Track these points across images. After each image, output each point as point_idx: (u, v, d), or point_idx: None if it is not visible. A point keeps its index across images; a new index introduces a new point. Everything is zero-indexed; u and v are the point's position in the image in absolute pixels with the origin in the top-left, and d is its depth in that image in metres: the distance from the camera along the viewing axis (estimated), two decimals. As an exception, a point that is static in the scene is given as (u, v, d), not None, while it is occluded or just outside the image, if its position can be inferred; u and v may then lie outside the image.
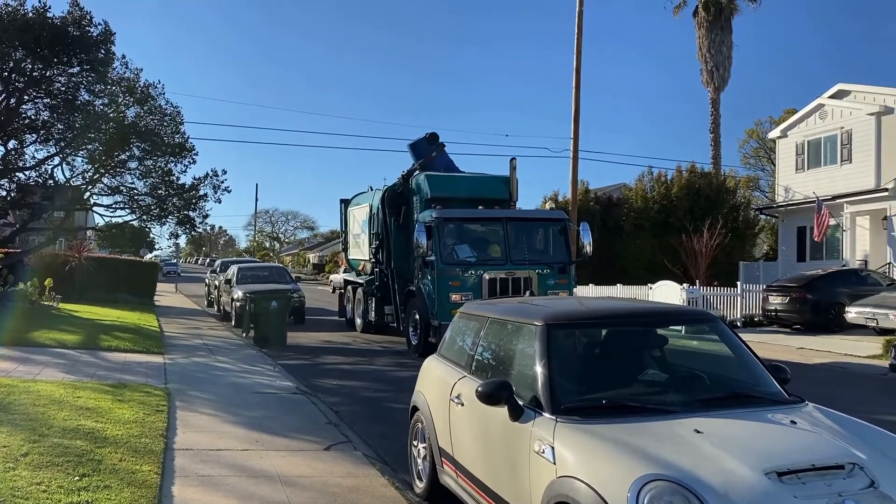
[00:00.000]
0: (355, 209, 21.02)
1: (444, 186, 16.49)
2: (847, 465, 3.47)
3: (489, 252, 14.92)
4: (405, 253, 16.73)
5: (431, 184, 16.38)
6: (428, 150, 18.29)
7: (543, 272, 14.68)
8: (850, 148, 27.11)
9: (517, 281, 14.32)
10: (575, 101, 25.62)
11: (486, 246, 15.08)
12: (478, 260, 14.65)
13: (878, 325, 17.82)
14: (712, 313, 5.16)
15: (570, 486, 3.59)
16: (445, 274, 14.30)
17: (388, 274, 17.35)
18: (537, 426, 4.05)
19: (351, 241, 21.56)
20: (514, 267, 14.49)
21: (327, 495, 5.70)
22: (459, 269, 14.36)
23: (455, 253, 14.65)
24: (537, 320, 4.62)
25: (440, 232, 14.56)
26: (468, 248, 14.89)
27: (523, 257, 14.83)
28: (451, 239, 14.83)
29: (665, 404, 4.15)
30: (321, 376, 12.36)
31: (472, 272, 14.31)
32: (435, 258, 14.40)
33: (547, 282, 14.59)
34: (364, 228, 19.58)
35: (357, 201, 21.18)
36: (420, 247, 14.38)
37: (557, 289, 14.69)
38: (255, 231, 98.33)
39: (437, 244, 14.44)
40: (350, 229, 21.57)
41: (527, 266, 14.61)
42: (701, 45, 36.85)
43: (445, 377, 5.61)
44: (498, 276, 14.29)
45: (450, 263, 14.41)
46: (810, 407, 4.29)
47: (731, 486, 3.27)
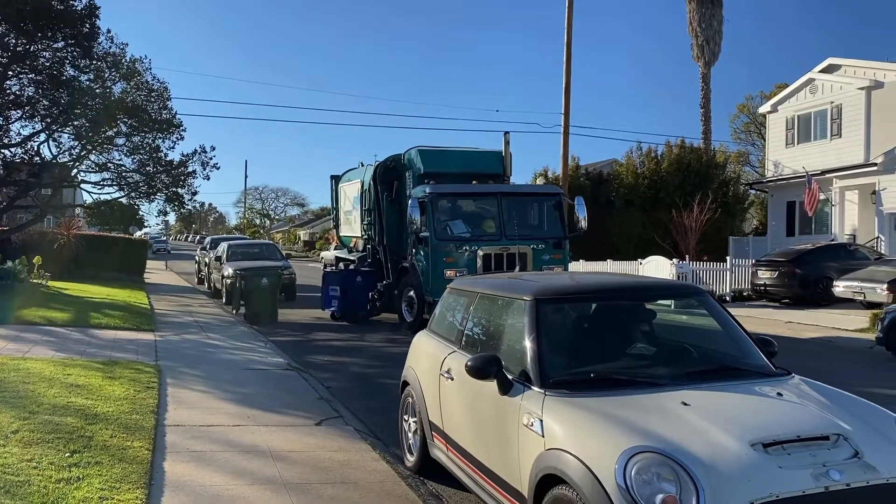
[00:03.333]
0: (346, 185, 20.60)
1: (437, 161, 16.21)
2: (832, 436, 3.50)
3: (483, 228, 14.75)
4: (398, 229, 16.48)
5: (424, 158, 16.10)
6: None
7: (538, 248, 14.55)
8: (840, 122, 27.14)
9: (512, 257, 14.20)
10: (566, 76, 25.50)
11: (480, 222, 14.91)
12: (472, 236, 14.50)
13: (865, 298, 17.96)
14: (700, 287, 5.20)
15: (559, 458, 3.62)
16: (440, 250, 14.18)
17: (380, 250, 17.12)
18: (526, 400, 4.08)
19: (342, 217, 21.18)
20: (509, 242, 14.34)
21: (318, 470, 5.74)
22: (454, 245, 14.24)
23: (449, 229, 14.51)
24: (526, 295, 4.64)
25: (434, 208, 14.40)
26: (462, 224, 14.72)
27: (518, 233, 14.65)
28: (445, 215, 14.67)
29: (653, 377, 4.19)
30: (312, 353, 12.39)
31: (467, 248, 14.20)
32: (429, 234, 14.26)
33: (542, 257, 14.47)
34: (356, 205, 19.23)
35: (348, 177, 20.72)
36: (414, 223, 14.21)
37: (552, 264, 14.54)
38: (245, 208, 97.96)
39: (431, 220, 14.28)
40: (341, 206, 21.23)
41: (521, 241, 14.45)
42: (692, 20, 36.64)
43: (435, 352, 5.63)
44: (492, 252, 14.16)
45: (444, 239, 14.29)
46: (797, 379, 4.33)
47: (718, 457, 3.31)
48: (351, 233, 20.15)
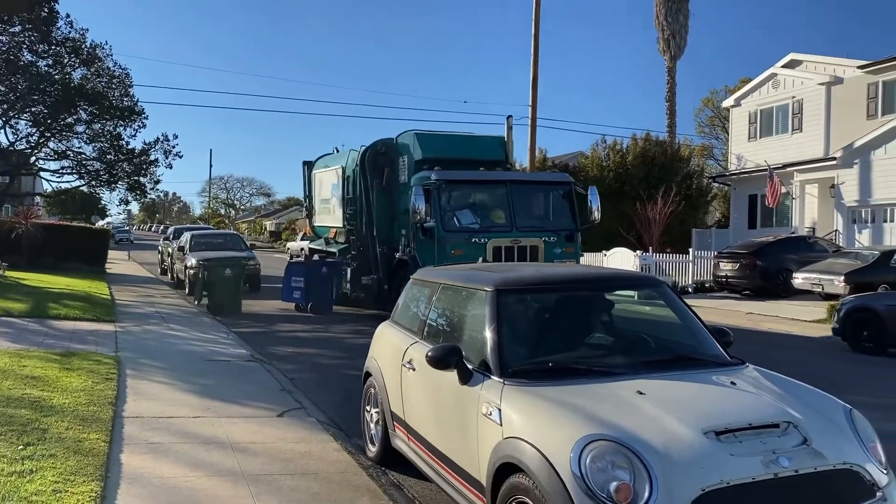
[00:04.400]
0: (322, 172, 19.41)
1: (437, 146, 15.02)
2: (782, 423, 3.58)
3: (493, 218, 13.74)
4: (389, 219, 15.55)
5: (422, 143, 14.93)
6: None
7: (550, 240, 13.57)
8: (801, 117, 27.65)
9: (523, 250, 13.24)
10: (533, 69, 25.56)
11: (488, 212, 13.91)
12: (481, 227, 13.47)
13: (823, 290, 18.38)
14: (658, 278, 5.26)
15: (516, 446, 3.65)
16: (447, 242, 13.06)
17: (368, 242, 15.97)
18: (485, 389, 4.10)
19: (317, 206, 19.87)
20: (520, 234, 13.36)
21: (279, 461, 5.71)
22: (462, 236, 13.17)
23: (457, 219, 13.47)
24: (487, 286, 4.66)
25: (440, 196, 13.32)
26: (470, 214, 13.70)
27: (529, 224, 13.74)
28: (452, 203, 13.61)
29: (610, 367, 4.24)
30: (276, 344, 12.31)
31: (476, 240, 13.10)
32: (435, 225, 13.21)
33: (553, 250, 13.51)
34: (335, 193, 18.03)
35: (325, 163, 19.50)
36: (417, 212, 13.10)
37: (564, 258, 13.61)
38: (210, 198, 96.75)
39: (437, 209, 13.21)
40: (316, 194, 19.92)
41: (532, 233, 13.52)
42: (658, 13, 36.98)
43: (398, 343, 5.64)
44: (503, 245, 13.15)
45: (451, 231, 13.23)
46: (750, 369, 4.42)
47: (671, 445, 3.36)
48: (329, 223, 19.01)
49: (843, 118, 25.88)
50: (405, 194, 14.61)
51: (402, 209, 14.83)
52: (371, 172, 15.77)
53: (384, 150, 15.85)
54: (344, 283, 16.93)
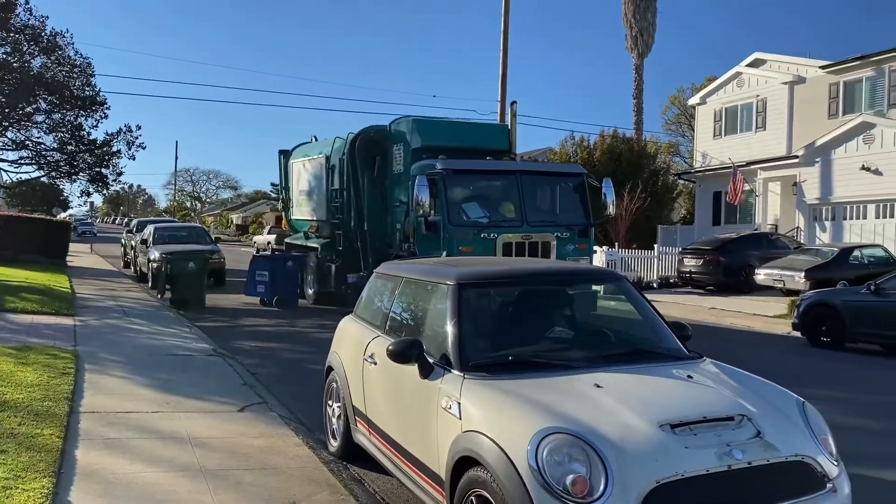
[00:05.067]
0: (302, 161, 18.27)
1: (437, 133, 14.03)
2: (736, 416, 3.62)
3: (502, 212, 12.78)
4: (380, 212, 14.63)
5: (421, 130, 13.90)
6: None
7: (562, 236, 12.64)
8: (765, 115, 28.08)
9: (534, 246, 12.30)
10: (503, 64, 25.58)
11: (497, 205, 12.95)
12: (490, 221, 12.46)
13: (784, 286, 18.72)
14: (618, 273, 5.30)
15: (475, 440, 3.65)
16: (454, 237, 12.02)
17: (356, 237, 15.09)
18: (446, 383, 4.10)
19: (295, 198, 18.81)
20: (531, 229, 12.41)
21: (239, 456, 5.65)
22: (471, 231, 12.14)
23: (464, 212, 12.44)
24: (449, 280, 4.65)
25: (447, 186, 12.26)
26: (479, 207, 12.66)
27: (540, 218, 12.84)
28: (460, 195, 12.59)
29: (569, 360, 4.25)
30: (240, 338, 12.18)
31: (485, 235, 12.12)
32: (441, 219, 12.17)
33: (566, 247, 12.60)
34: (316, 183, 17.08)
35: (304, 152, 18.43)
36: (421, 204, 11.98)
37: (577, 255, 12.67)
38: (175, 190, 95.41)
39: (444, 201, 12.17)
40: (294, 185, 18.84)
41: (544, 228, 12.61)
42: (626, 10, 37.22)
43: (360, 337, 5.60)
44: (514, 241, 12.18)
45: (459, 225, 12.19)
46: (708, 362, 4.46)
47: (627, 438, 3.38)
48: (310, 216, 17.95)
49: (806, 117, 26.33)
50: (399, 185, 13.87)
51: (396, 201, 14.04)
52: (361, 161, 14.86)
53: (376, 138, 14.92)
54: (329, 279, 16.03)
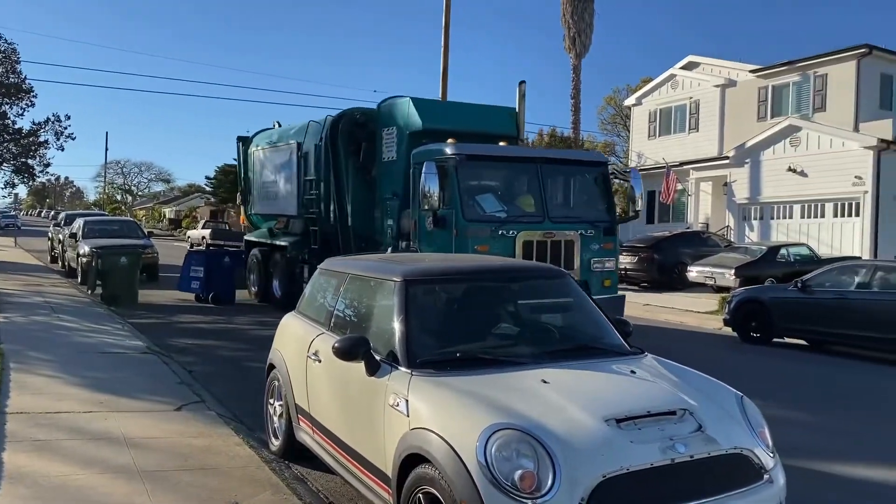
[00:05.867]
0: (265, 149, 16.47)
1: (438, 115, 12.44)
2: (678, 411, 3.71)
3: (521, 206, 11.19)
4: (367, 205, 13.08)
5: (421, 111, 12.20)
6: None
7: (587, 233, 11.14)
8: (698, 117, 28.88)
9: (556, 245, 10.80)
10: (443, 60, 25.60)
11: (515, 197, 11.41)
12: (509, 216, 10.80)
13: (715, 283, 19.31)
14: (563, 270, 5.36)
15: (423, 437, 3.64)
16: (468, 235, 10.34)
17: (336, 234, 13.55)
18: (393, 380, 4.07)
19: (257, 190, 16.97)
20: (553, 226, 10.88)
21: (177, 456, 5.50)
22: (488, 228, 10.49)
23: (479, 206, 10.75)
24: (396, 276, 4.63)
25: (460, 175, 10.57)
26: (495, 200, 11.00)
27: (563, 214, 11.34)
28: (474, 186, 10.99)
29: (516, 356, 4.29)
30: (175, 335, 11.87)
31: (504, 233, 10.50)
32: (454, 213, 10.47)
33: (590, 246, 11.15)
34: (285, 173, 15.39)
35: (268, 139, 16.60)
36: (428, 197, 10.34)
37: (603, 256, 11.25)
38: (105, 183, 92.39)
39: (456, 193, 10.48)
40: (255, 175, 17.02)
41: (568, 225, 11.05)
42: (564, 11, 37.64)
43: (304, 334, 5.53)
44: (535, 239, 10.68)
45: (474, 220, 10.48)
46: (649, 358, 4.56)
47: (574, 433, 3.43)
48: (276, 211, 16.17)
49: (737, 119, 27.19)
50: (391, 175, 12.39)
51: (389, 193, 12.47)
52: (344, 147, 13.28)
53: (362, 120, 13.37)
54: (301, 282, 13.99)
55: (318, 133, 13.93)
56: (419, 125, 11.98)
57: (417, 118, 12.06)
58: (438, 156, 10.74)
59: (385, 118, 12.91)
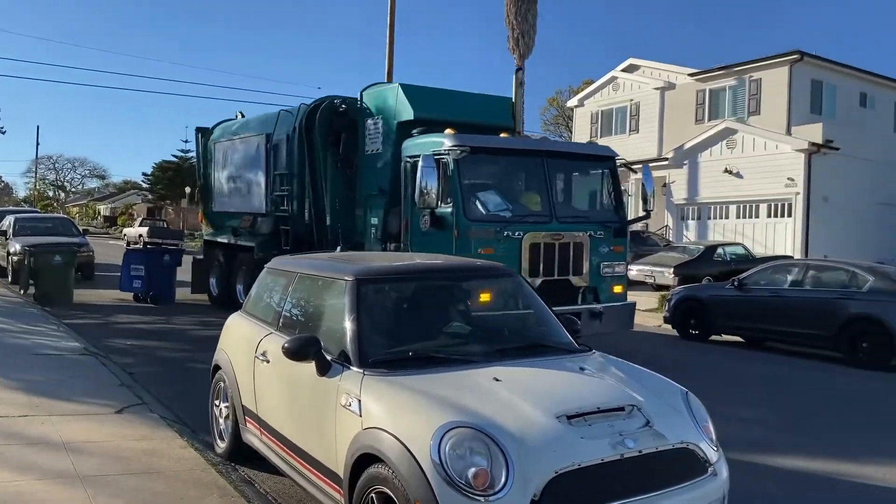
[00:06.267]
0: (229, 141, 15.29)
1: (430, 104, 11.10)
2: (627, 407, 3.79)
3: (526, 204, 10.14)
4: (347, 203, 12.02)
5: (413, 98, 10.94)
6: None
7: (596, 235, 10.12)
8: (638, 119, 29.48)
9: (565, 248, 9.79)
10: (389, 59, 25.54)
11: (518, 195, 10.40)
12: (514, 215, 9.65)
13: (654, 281, 19.75)
14: (512, 269, 5.41)
15: (376, 437, 3.64)
16: (472, 236, 9.28)
17: (312, 233, 12.48)
18: (345, 380, 4.06)
19: (218, 185, 15.75)
20: (561, 227, 9.85)
21: (119, 460, 5.36)
22: (492, 228, 9.38)
23: (481, 204, 9.65)
24: (347, 275, 4.61)
25: (461, 170, 9.46)
26: (498, 198, 9.87)
27: (571, 213, 10.38)
28: (477, 182, 9.94)
29: (468, 355, 4.32)
30: (113, 336, 11.55)
31: (509, 234, 9.43)
32: (455, 212, 9.37)
33: (600, 249, 10.14)
34: (252, 168, 14.29)
35: (232, 130, 15.41)
36: (426, 193, 9.25)
37: (613, 260, 10.30)
38: (37, 179, 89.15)
39: (458, 189, 9.39)
40: (216, 170, 15.86)
41: (576, 225, 10.05)
42: (508, 12, 37.88)
43: (251, 334, 5.45)
44: (542, 241, 9.61)
45: (477, 220, 9.40)
46: (597, 355, 4.65)
47: (526, 430, 3.47)
48: (241, 207, 14.95)
49: (676, 121, 27.86)
50: (376, 169, 11.32)
51: (373, 189, 11.37)
52: (323, 139, 12.14)
53: (343, 109, 12.24)
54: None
55: (290, 123, 12.86)
56: (410, 114, 10.76)
57: (408, 106, 10.82)
58: (436, 148, 9.63)
59: (369, 106, 11.71)
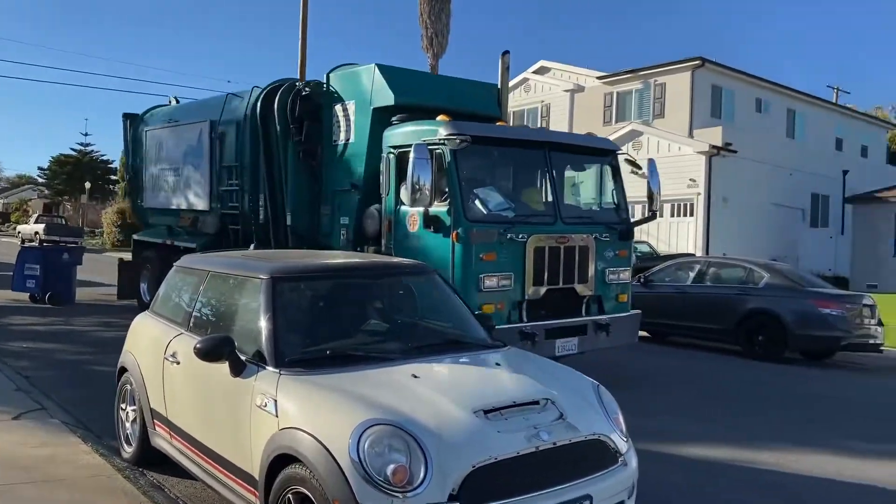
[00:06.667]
0: (164, 128, 13.87)
1: (413, 89, 9.74)
2: (542, 400, 3.88)
3: (528, 202, 9.05)
4: (309, 199, 10.58)
5: (392, 81, 9.53)
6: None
7: (603, 238, 9.01)
8: (549, 120, 30.10)
9: (570, 252, 8.57)
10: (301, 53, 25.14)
11: (519, 192, 9.37)
12: (517, 215, 8.44)
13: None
14: (430, 267, 5.45)
15: (293, 437, 3.60)
16: (474, 240, 7.98)
17: (269, 233, 11.07)
18: (260, 380, 3.99)
19: (150, 178, 14.19)
20: (566, 228, 8.64)
21: (17, 469, 5.10)
22: (494, 231, 8.12)
23: (482, 202, 8.30)
24: (262, 274, 4.53)
25: (459, 163, 8.17)
26: (498, 195, 8.64)
27: (576, 213, 9.28)
28: (477, 177, 8.73)
29: (386, 352, 4.32)
30: (7, 338, 10.95)
31: (513, 236, 8.18)
32: (453, 211, 8.05)
33: (605, 253, 9.02)
34: (193, 158, 12.88)
35: (169, 117, 14.00)
36: (420, 188, 7.94)
37: (618, 266, 9.19)
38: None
39: (457, 186, 8.09)
40: (148, 161, 14.34)
41: (582, 227, 8.88)
42: (422, 11, 38.05)
43: (160, 335, 5.29)
44: (546, 245, 8.36)
45: (478, 220, 8.08)
46: (512, 350, 4.75)
47: (444, 425, 3.51)
48: (179, 204, 13.44)
49: (585, 123, 28.55)
50: (346, 161, 9.96)
51: (344, 184, 9.93)
52: (282, 126, 10.68)
53: (308, 93, 10.72)
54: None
55: (241, 109, 11.52)
56: (390, 99, 9.39)
57: (388, 91, 9.44)
58: (430, 136, 8.31)
59: (337, 90, 10.27)
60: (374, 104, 9.55)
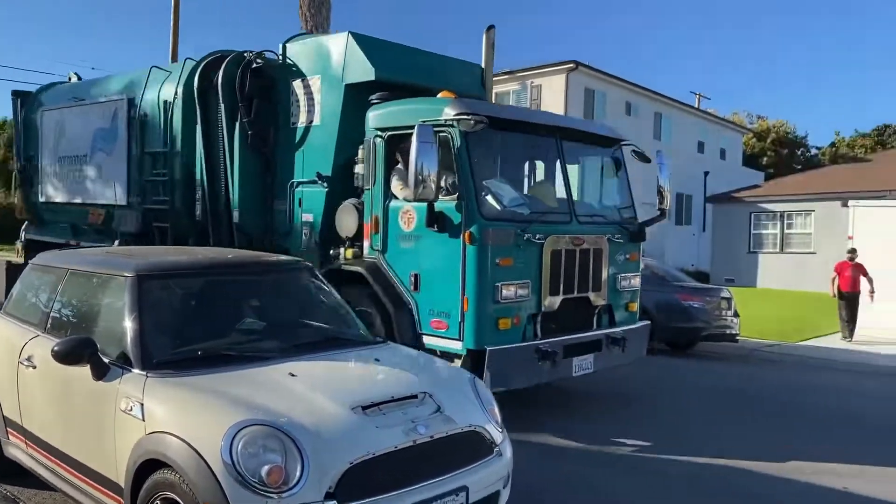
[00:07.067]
0: (63, 110, 11.67)
1: (395, 62, 8.16)
2: (419, 394, 3.91)
3: (542, 198, 7.77)
4: (260, 194, 8.86)
5: (371, 53, 7.92)
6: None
7: (616, 239, 7.94)
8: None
9: (585, 255, 7.46)
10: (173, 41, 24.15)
11: (529, 185, 8.47)
12: (532, 212, 7.17)
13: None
14: (307, 263, 5.37)
15: (160, 441, 3.45)
16: (490, 242, 6.66)
17: (206, 234, 9.12)
18: (125, 383, 3.80)
19: (48, 167, 11.90)
20: (581, 228, 7.52)
21: None
22: (513, 230, 6.81)
23: (496, 197, 7.02)
24: (127, 272, 4.32)
25: (473, 151, 6.87)
26: (512, 189, 7.47)
27: (590, 211, 8.08)
28: (491, 167, 7.72)
29: (262, 351, 4.22)
30: None
31: (529, 238, 6.90)
32: (465, 206, 6.72)
33: (617, 256, 7.94)
34: (104, 143, 10.64)
35: (71, 94, 11.76)
36: (424, 180, 6.43)
37: (628, 271, 8.15)
38: None
39: (469, 177, 6.77)
40: (46, 147, 11.99)
41: (597, 227, 7.79)
42: (302, 4, 37.41)
43: (13, 338, 4.94)
44: (563, 248, 7.21)
45: (494, 218, 6.79)
46: (391, 346, 4.78)
47: (321, 423, 3.47)
48: (87, 197, 11.10)
49: (464, 122, 29.05)
50: (310, 147, 8.34)
51: (308, 174, 8.32)
52: (227, 105, 8.82)
53: (259, 66, 8.86)
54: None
55: (171, 84, 9.53)
56: (370, 74, 7.81)
57: (366, 63, 7.85)
58: (436, 116, 6.89)
59: (296, 63, 8.58)
60: (347, 80, 7.98)
